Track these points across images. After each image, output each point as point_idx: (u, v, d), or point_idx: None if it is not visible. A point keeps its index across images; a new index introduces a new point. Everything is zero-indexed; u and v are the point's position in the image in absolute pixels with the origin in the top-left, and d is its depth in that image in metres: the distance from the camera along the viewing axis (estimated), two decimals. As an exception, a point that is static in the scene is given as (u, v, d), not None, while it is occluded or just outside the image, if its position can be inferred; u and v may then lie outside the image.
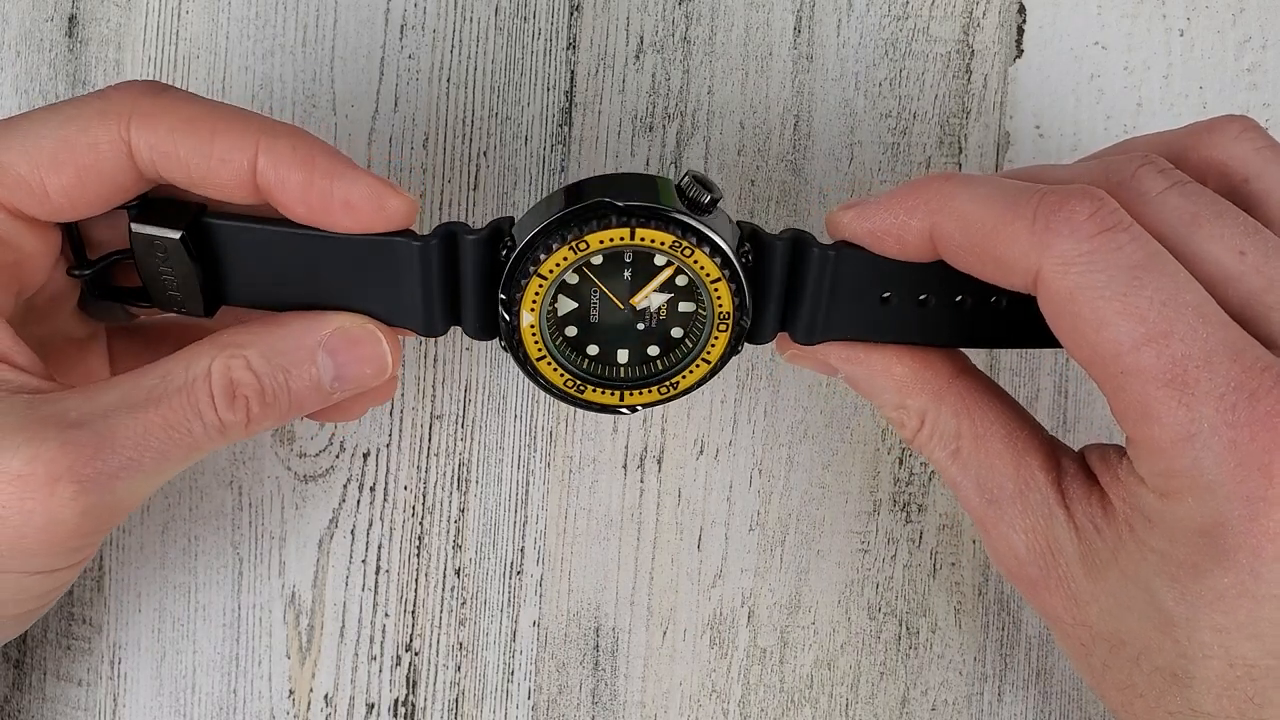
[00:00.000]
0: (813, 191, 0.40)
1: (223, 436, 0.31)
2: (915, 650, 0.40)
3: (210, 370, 0.31)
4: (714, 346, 0.32)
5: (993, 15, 0.40)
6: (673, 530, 0.40)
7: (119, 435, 0.29)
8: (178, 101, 0.31)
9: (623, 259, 0.32)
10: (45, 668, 0.41)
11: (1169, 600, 0.27)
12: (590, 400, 0.33)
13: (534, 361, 0.32)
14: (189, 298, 0.33)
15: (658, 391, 0.33)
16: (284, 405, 0.32)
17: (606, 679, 0.40)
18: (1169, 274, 0.27)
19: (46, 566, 0.30)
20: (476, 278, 0.32)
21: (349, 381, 0.32)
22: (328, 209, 0.30)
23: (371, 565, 0.40)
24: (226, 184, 0.31)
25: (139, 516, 0.40)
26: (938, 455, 0.32)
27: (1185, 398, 0.27)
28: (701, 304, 0.32)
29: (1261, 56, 0.40)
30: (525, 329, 0.32)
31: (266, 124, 0.31)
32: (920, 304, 0.32)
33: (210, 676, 0.40)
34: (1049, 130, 0.40)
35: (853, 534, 0.40)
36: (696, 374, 0.33)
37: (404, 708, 0.40)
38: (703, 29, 0.40)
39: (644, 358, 0.33)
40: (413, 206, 0.31)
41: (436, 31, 0.40)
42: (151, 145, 0.30)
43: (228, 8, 0.40)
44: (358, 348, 0.32)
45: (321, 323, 0.32)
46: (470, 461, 0.40)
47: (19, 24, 0.40)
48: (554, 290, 0.32)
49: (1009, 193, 0.29)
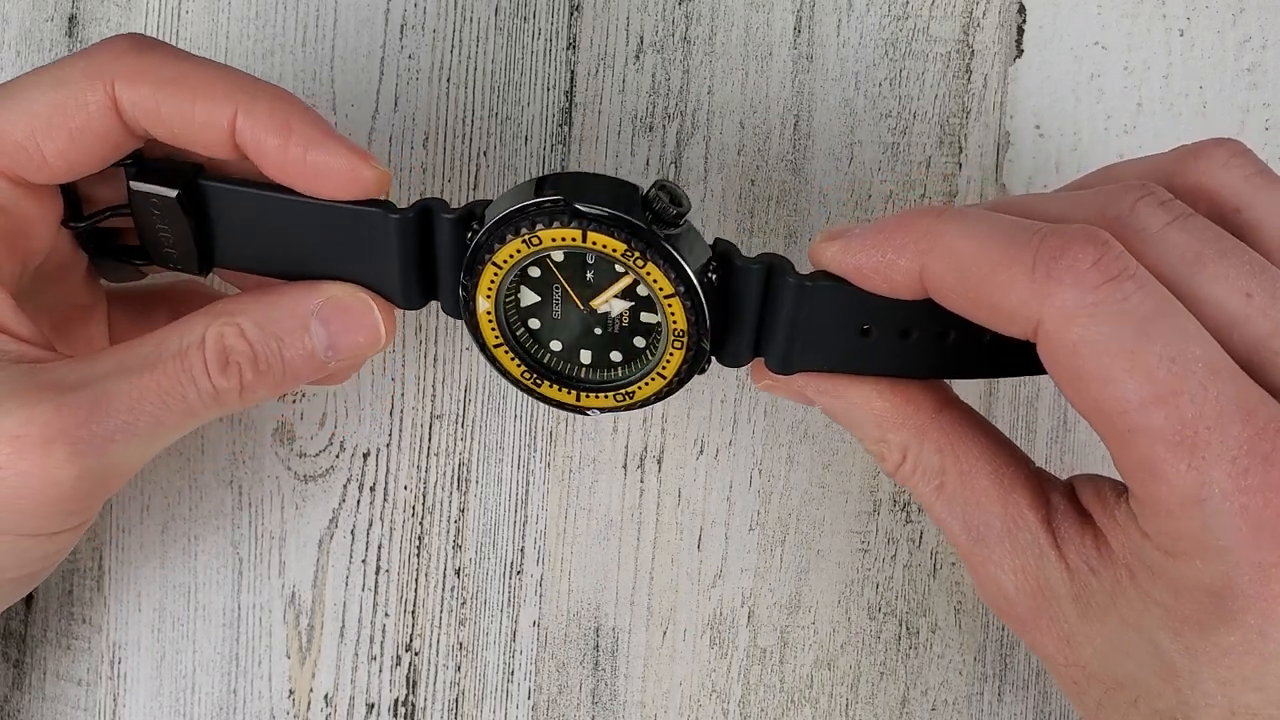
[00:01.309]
0: (813, 191, 0.40)
1: (217, 403, 0.31)
2: (915, 650, 0.40)
3: (204, 337, 0.31)
4: (669, 363, 0.32)
5: (993, 15, 0.40)
6: (673, 530, 0.40)
7: (113, 399, 0.30)
8: (162, 60, 0.31)
9: (584, 260, 0.31)
10: (45, 667, 0.41)
11: (1172, 652, 0.27)
12: (547, 395, 0.33)
13: (490, 348, 0.33)
14: (184, 256, 0.33)
15: (614, 398, 0.33)
16: (278, 373, 0.32)
17: (606, 679, 0.40)
18: (1177, 327, 0.26)
19: (44, 529, 0.31)
20: (449, 256, 0.32)
21: (343, 350, 0.32)
22: (301, 174, 0.31)
23: (371, 565, 0.40)
24: (209, 144, 0.31)
25: (139, 516, 0.40)
26: (922, 490, 0.31)
27: (1195, 460, 0.25)
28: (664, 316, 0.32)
29: (1261, 56, 0.40)
30: (481, 314, 0.32)
31: (248, 84, 0.31)
32: (902, 336, 0.31)
33: (210, 676, 0.40)
34: (1049, 130, 0.40)
35: (853, 534, 0.40)
36: (651, 387, 0.32)
37: (404, 708, 0.40)
38: (703, 29, 0.40)
39: (607, 362, 0.33)
40: (384, 178, 0.31)
41: (436, 31, 0.40)
42: (135, 104, 0.31)
43: (228, 7, 0.40)
44: (350, 316, 0.32)
45: (315, 292, 0.32)
46: (470, 461, 0.40)
47: (19, 24, 0.40)
48: (514, 280, 0.32)
49: (1006, 232, 0.27)
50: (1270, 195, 0.29)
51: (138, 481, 0.41)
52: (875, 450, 0.32)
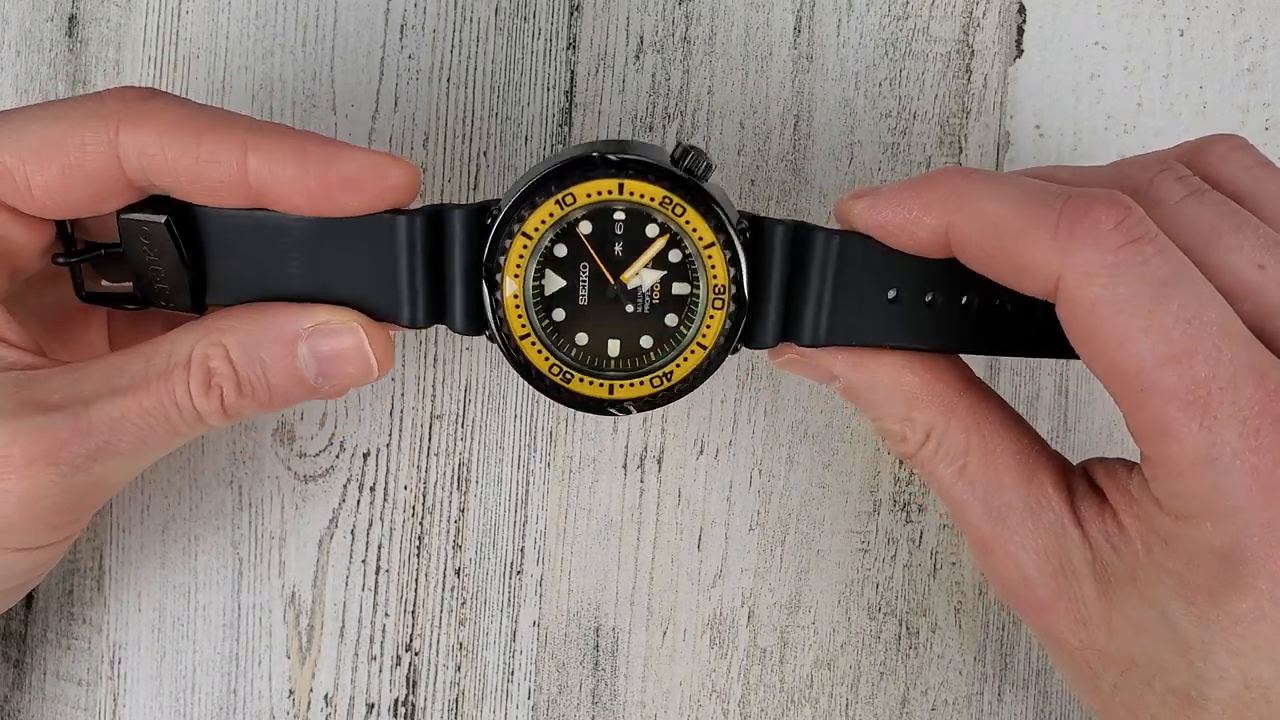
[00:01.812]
0: (813, 191, 0.40)
1: (201, 424, 0.31)
2: (915, 650, 0.40)
3: (190, 358, 0.31)
4: (709, 328, 0.31)
5: (993, 15, 0.40)
6: (673, 530, 0.40)
7: (96, 420, 0.30)
8: (167, 105, 0.31)
9: (613, 230, 0.31)
10: (45, 667, 0.41)
11: (1185, 623, 0.27)
12: (577, 392, 0.32)
13: (518, 340, 0.32)
14: (176, 291, 0.32)
15: (649, 384, 0.32)
16: (263, 396, 0.31)
17: (606, 679, 0.40)
18: (1194, 290, 0.27)
19: (28, 544, 0.31)
20: (465, 252, 0.31)
21: (333, 379, 0.32)
22: (329, 192, 0.30)
23: (371, 565, 0.40)
24: (215, 184, 0.30)
25: (139, 516, 0.41)
26: (942, 472, 0.31)
27: (1207, 420, 0.26)
28: (696, 285, 0.31)
29: (1261, 56, 0.40)
30: (509, 299, 0.31)
31: (253, 124, 0.31)
32: (928, 305, 0.31)
33: (210, 676, 0.40)
34: (1049, 130, 0.40)
35: (853, 534, 0.40)
36: (691, 361, 0.32)
37: (404, 707, 0.40)
38: (703, 29, 0.40)
39: (638, 350, 0.32)
40: (415, 173, 0.31)
41: (436, 31, 0.40)
42: (139, 149, 0.30)
43: (228, 8, 0.40)
44: (339, 345, 0.31)
45: (304, 315, 0.31)
46: (470, 461, 0.40)
47: (19, 24, 0.40)
48: (540, 259, 0.31)
49: (1031, 193, 0.28)
50: (1271, 186, 0.30)
51: (138, 481, 0.41)
52: (895, 430, 0.32)
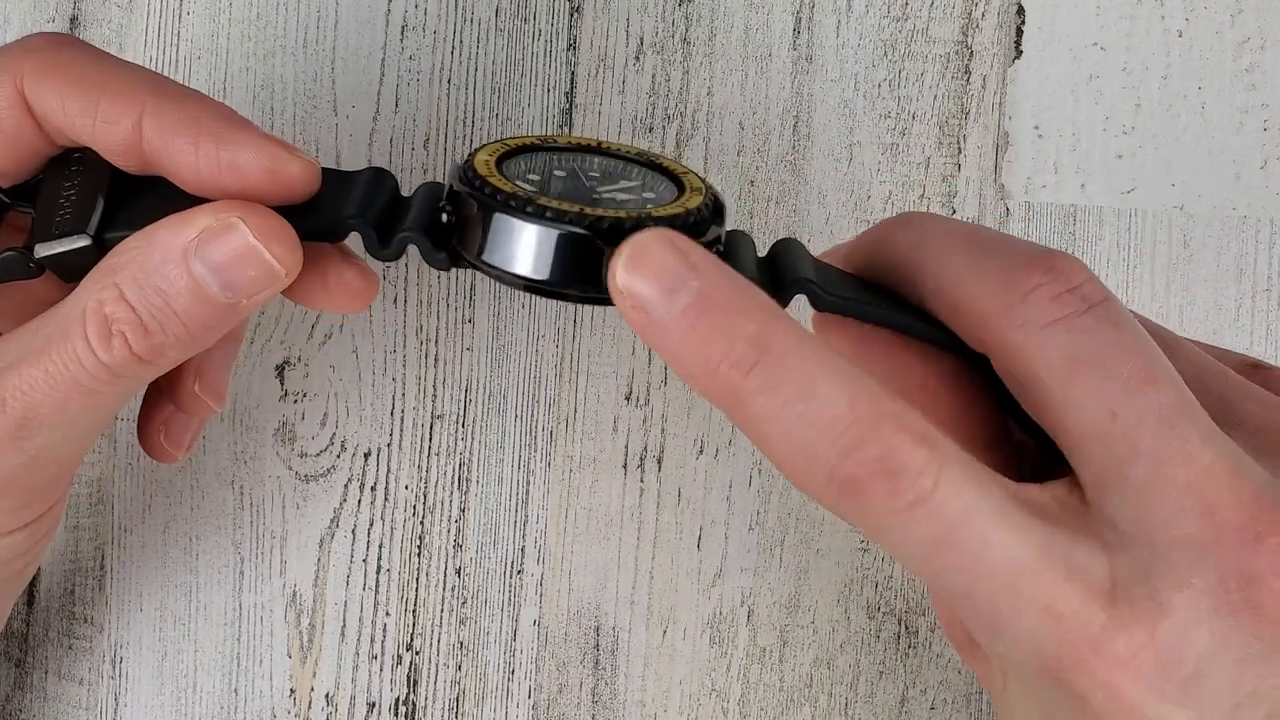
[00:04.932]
0: (812, 192, 0.40)
1: (119, 377, 0.28)
2: (914, 649, 0.40)
3: (85, 309, 0.27)
4: (690, 201, 0.28)
5: (991, 16, 0.40)
6: (673, 530, 0.40)
7: (7, 396, 0.28)
8: (73, 59, 0.28)
9: (589, 164, 0.29)
10: (47, 667, 0.41)
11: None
12: (550, 208, 0.27)
13: (482, 177, 0.27)
14: (81, 209, 0.29)
15: (626, 210, 0.27)
16: (177, 329, 0.28)
17: (606, 678, 0.40)
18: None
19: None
20: (420, 207, 0.28)
21: (239, 289, 0.27)
22: (216, 174, 0.27)
23: (372, 565, 0.41)
24: (115, 148, 0.28)
25: (140, 516, 0.41)
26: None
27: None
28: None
29: (1260, 57, 0.40)
30: (479, 162, 0.28)
31: (158, 85, 0.28)
32: None
33: (211, 676, 0.41)
34: (1048, 131, 0.40)
35: (852, 533, 0.40)
36: (668, 210, 0.28)
37: (405, 707, 0.40)
38: (702, 30, 0.40)
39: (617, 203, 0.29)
40: (312, 171, 0.28)
41: (437, 33, 0.40)
42: (42, 103, 0.28)
43: (229, 8, 0.40)
44: (227, 246, 0.27)
45: (187, 226, 0.27)
46: (470, 461, 0.40)
47: (19, 24, 0.40)
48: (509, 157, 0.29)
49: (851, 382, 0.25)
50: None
51: (140, 481, 0.41)
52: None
